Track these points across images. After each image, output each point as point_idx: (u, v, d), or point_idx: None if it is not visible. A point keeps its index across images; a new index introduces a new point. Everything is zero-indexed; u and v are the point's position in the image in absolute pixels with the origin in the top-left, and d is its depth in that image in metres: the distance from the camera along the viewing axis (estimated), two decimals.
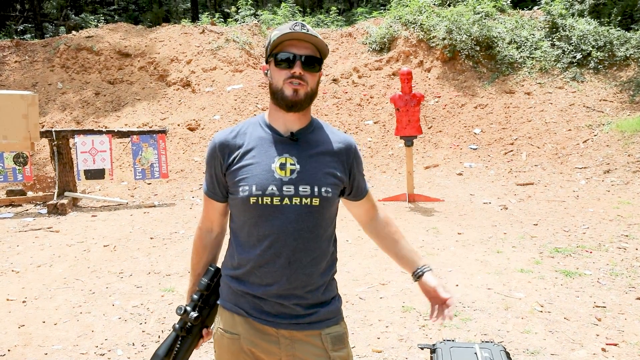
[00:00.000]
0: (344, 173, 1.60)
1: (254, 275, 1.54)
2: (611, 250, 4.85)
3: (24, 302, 4.07)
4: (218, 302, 1.64)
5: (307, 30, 1.50)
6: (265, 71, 1.59)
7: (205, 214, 1.71)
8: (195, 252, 1.74)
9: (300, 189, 1.50)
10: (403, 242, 1.74)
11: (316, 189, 1.51)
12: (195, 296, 1.63)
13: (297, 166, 1.53)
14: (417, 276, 1.70)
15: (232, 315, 1.58)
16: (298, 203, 1.50)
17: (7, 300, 4.12)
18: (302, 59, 1.50)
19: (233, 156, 1.57)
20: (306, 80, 1.51)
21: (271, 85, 1.55)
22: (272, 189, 1.50)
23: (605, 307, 3.64)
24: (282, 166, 1.52)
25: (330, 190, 1.53)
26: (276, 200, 1.50)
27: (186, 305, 1.63)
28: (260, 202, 1.50)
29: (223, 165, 1.58)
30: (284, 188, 1.50)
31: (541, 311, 3.62)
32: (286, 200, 1.50)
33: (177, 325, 1.59)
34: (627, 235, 5.27)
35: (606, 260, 4.60)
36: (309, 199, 1.50)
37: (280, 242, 1.51)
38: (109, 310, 3.90)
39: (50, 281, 4.53)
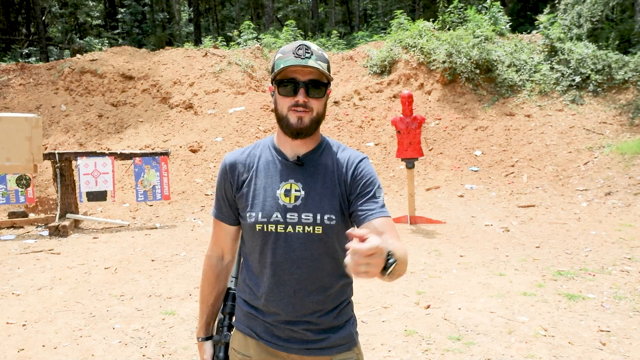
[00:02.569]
0: (343, 194, 1.51)
1: (262, 303, 1.53)
2: (614, 273, 4.83)
3: (24, 325, 4.04)
4: (232, 322, 1.65)
5: (311, 55, 1.45)
6: (272, 92, 1.55)
7: (216, 239, 1.66)
8: (207, 282, 1.69)
9: (303, 216, 1.48)
10: (390, 239, 1.38)
11: (319, 217, 1.48)
12: (225, 321, 1.65)
13: (302, 192, 1.50)
14: None
15: (244, 337, 1.58)
16: (301, 231, 1.48)
17: (7, 323, 4.09)
18: (305, 86, 1.47)
19: (243, 178, 1.55)
20: (311, 107, 1.48)
21: (276, 111, 1.53)
22: (276, 216, 1.48)
23: (609, 331, 3.61)
24: (287, 192, 1.50)
25: (334, 217, 1.48)
26: (280, 228, 1.48)
27: (210, 336, 1.68)
28: (265, 230, 1.49)
29: (233, 186, 1.57)
30: (288, 215, 1.48)
31: (545, 335, 3.59)
32: (290, 228, 1.48)
33: (220, 355, 1.62)
34: (629, 258, 5.25)
35: (609, 283, 4.58)
36: (311, 227, 1.47)
37: (283, 271, 1.49)
38: (110, 333, 3.87)
39: (51, 304, 4.50)
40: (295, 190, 1.51)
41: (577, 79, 10.90)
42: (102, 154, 7.49)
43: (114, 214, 8.44)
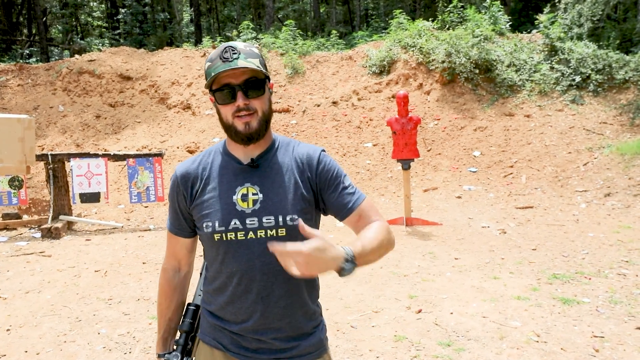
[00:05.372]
0: (309, 191, 1.47)
1: (228, 312, 1.47)
2: (610, 277, 4.74)
3: (7, 330, 3.98)
4: (197, 334, 1.57)
5: (238, 55, 1.38)
6: (214, 103, 1.48)
7: (171, 252, 1.62)
8: (164, 295, 1.64)
9: (264, 220, 1.41)
10: (367, 231, 1.44)
11: (281, 219, 1.41)
12: (180, 340, 1.55)
13: (260, 195, 1.43)
14: None
15: (211, 350, 1.51)
16: (263, 236, 1.41)
17: None
18: (242, 88, 1.40)
19: (195, 188, 1.49)
20: (254, 108, 1.42)
21: (221, 121, 1.46)
22: (235, 224, 1.42)
23: (603, 337, 3.53)
24: (244, 197, 1.44)
25: (296, 217, 1.42)
26: (240, 235, 1.42)
27: (167, 353, 1.57)
28: (224, 238, 1.43)
29: (187, 198, 1.50)
30: (247, 221, 1.42)
31: (537, 341, 3.51)
32: (251, 234, 1.42)
33: None
34: (627, 261, 5.16)
35: (605, 287, 4.49)
36: (274, 230, 1.41)
37: (248, 278, 1.43)
38: (94, 339, 3.81)
39: (38, 308, 4.44)
40: (253, 194, 1.44)
41: (578, 78, 10.80)
42: (96, 155, 7.44)
43: (109, 215, 8.39)
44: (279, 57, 13.68)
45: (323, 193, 1.49)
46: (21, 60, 18.60)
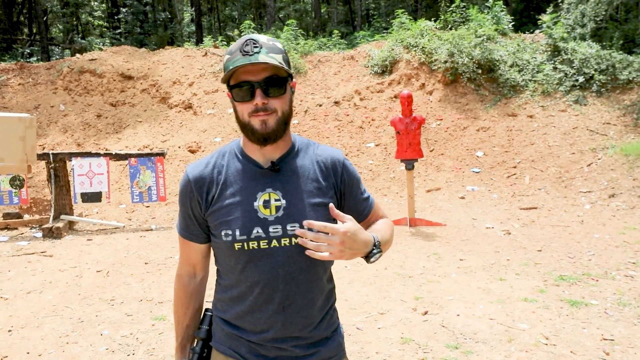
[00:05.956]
0: (333, 197, 1.42)
1: (246, 322, 1.40)
2: (618, 279, 4.69)
3: (9, 331, 3.94)
4: (211, 343, 1.50)
5: (260, 49, 1.29)
6: (231, 99, 1.40)
7: (185, 257, 1.52)
8: (180, 302, 1.55)
9: (289, 227, 1.34)
10: (376, 224, 1.52)
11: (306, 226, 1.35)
12: (197, 347, 1.49)
13: (283, 201, 1.36)
14: None
15: (226, 359, 1.45)
16: (287, 244, 1.35)
17: None
18: (261, 86, 1.31)
19: (212, 194, 1.39)
20: (273, 108, 1.33)
21: (237, 118, 1.38)
22: (257, 232, 1.34)
23: (613, 339, 3.48)
24: (266, 204, 1.35)
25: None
26: (263, 244, 1.34)
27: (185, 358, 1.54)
28: (246, 248, 1.34)
29: (202, 204, 1.40)
30: (271, 229, 1.34)
31: (546, 344, 3.46)
32: (274, 243, 1.34)
33: None
34: (634, 263, 5.11)
35: (613, 289, 4.44)
36: (299, 238, 1.34)
37: (270, 288, 1.36)
38: (97, 340, 3.76)
39: (39, 309, 4.40)
40: (275, 200, 1.36)
41: (581, 79, 10.75)
42: (97, 155, 7.39)
43: (110, 215, 8.34)
44: None
45: (343, 199, 1.48)
46: (22, 60, 18.56)
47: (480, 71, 11.41)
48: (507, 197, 8.48)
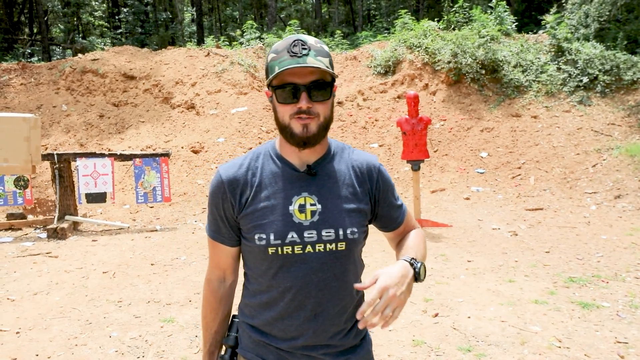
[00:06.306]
0: (368, 203, 1.41)
1: (276, 328, 1.37)
2: (628, 280, 4.67)
3: (17, 333, 3.91)
4: (238, 350, 1.47)
5: (308, 52, 1.26)
6: (269, 97, 1.37)
7: (215, 261, 1.48)
8: (209, 308, 1.51)
9: (324, 233, 1.32)
10: (408, 239, 1.50)
11: (341, 232, 1.33)
12: (226, 356, 1.47)
13: (318, 206, 1.33)
14: None
15: None
16: (322, 250, 1.32)
17: (0, 330, 3.96)
18: (307, 90, 1.28)
19: (246, 196, 1.36)
20: (316, 112, 1.29)
21: (277, 119, 1.34)
22: (292, 237, 1.31)
23: (627, 342, 3.46)
24: (302, 208, 1.33)
25: (356, 230, 1.35)
26: (298, 249, 1.32)
27: None
28: (280, 252, 1.32)
29: (235, 207, 1.37)
30: (306, 234, 1.31)
31: (559, 347, 3.44)
32: (309, 248, 1.32)
33: None
34: None
35: (624, 291, 4.41)
36: (334, 244, 1.32)
37: (303, 294, 1.34)
38: (106, 342, 3.73)
39: (46, 310, 4.37)
40: (311, 205, 1.34)
41: (585, 79, 10.72)
42: (102, 155, 7.36)
43: (114, 215, 8.31)
44: None
45: (377, 205, 1.46)
46: (23, 60, 18.52)
47: (483, 71, 11.39)
48: (512, 198, 8.45)
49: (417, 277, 1.30)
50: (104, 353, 3.56)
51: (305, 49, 1.27)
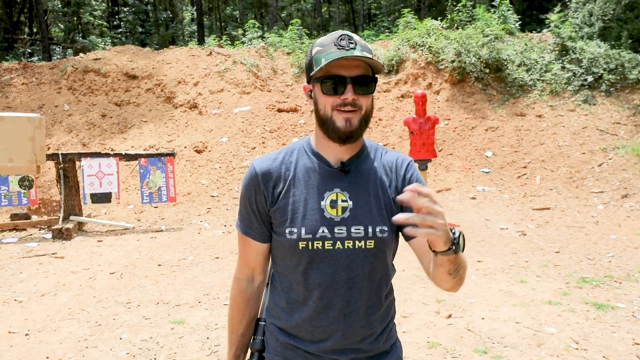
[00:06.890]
0: (396, 201, 1.36)
1: (304, 330, 1.34)
2: None
3: (26, 335, 3.86)
4: (265, 354, 1.44)
5: (355, 46, 1.26)
6: (308, 92, 1.36)
7: (245, 259, 1.46)
8: (236, 309, 1.49)
9: (353, 230, 1.30)
10: None
11: (370, 230, 1.30)
12: (254, 358, 1.44)
13: (350, 203, 1.32)
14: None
15: None
16: (351, 246, 1.30)
17: (9, 332, 3.91)
18: (353, 82, 1.28)
19: (278, 189, 1.35)
20: (360, 105, 1.29)
21: (317, 112, 1.33)
22: (323, 232, 1.29)
23: None
24: (333, 204, 1.31)
25: (386, 229, 1.32)
26: (328, 245, 1.30)
27: None
28: (310, 247, 1.30)
29: (267, 199, 1.36)
30: (336, 230, 1.30)
31: (577, 348, 3.40)
32: (338, 244, 1.30)
33: None
34: None
35: (637, 291, 4.38)
36: (362, 242, 1.30)
37: (331, 292, 1.31)
38: (117, 344, 3.69)
39: (55, 312, 4.32)
40: (342, 201, 1.32)
41: (590, 78, 10.69)
42: (107, 155, 7.31)
43: (118, 216, 8.26)
44: (286, 57, 13.58)
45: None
46: (23, 59, 18.45)
47: (487, 71, 11.35)
48: (518, 197, 8.42)
49: (456, 245, 1.17)
50: (116, 355, 3.51)
51: (352, 42, 1.28)
